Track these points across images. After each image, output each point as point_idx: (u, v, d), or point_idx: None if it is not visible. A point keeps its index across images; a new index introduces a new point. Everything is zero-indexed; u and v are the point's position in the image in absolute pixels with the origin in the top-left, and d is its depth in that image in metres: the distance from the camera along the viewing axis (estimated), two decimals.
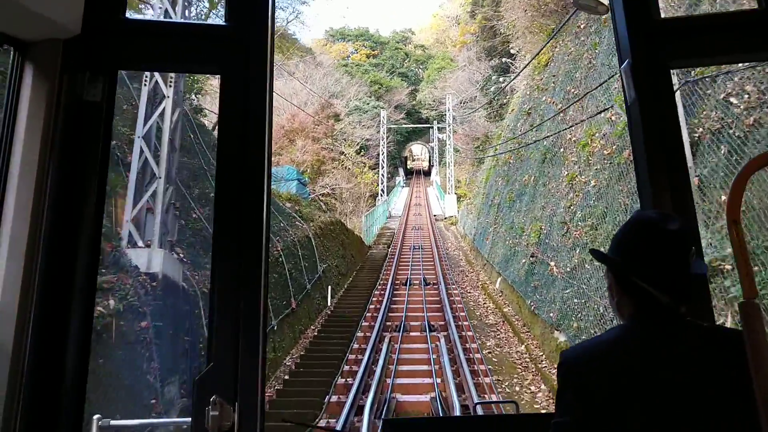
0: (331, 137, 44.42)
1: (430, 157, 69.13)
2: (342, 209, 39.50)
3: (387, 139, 58.58)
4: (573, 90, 15.67)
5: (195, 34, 2.20)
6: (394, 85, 68.59)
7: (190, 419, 1.77)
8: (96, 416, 2.14)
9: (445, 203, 42.51)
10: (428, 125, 58.93)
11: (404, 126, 60.27)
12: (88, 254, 1.90)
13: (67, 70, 1.94)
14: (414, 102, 65.60)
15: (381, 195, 47.03)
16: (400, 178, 64.95)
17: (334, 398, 10.28)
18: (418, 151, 78.94)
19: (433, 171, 64.56)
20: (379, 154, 48.93)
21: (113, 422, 2.18)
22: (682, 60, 2.32)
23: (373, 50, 78.44)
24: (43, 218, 1.83)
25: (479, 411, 7.17)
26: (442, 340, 13.49)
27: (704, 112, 7.28)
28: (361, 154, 49.36)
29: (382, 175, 47.66)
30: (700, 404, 1.40)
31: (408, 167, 72.77)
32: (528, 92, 23.03)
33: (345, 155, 44.53)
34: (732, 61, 4.92)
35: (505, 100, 46.79)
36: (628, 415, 1.42)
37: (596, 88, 12.98)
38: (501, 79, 36.12)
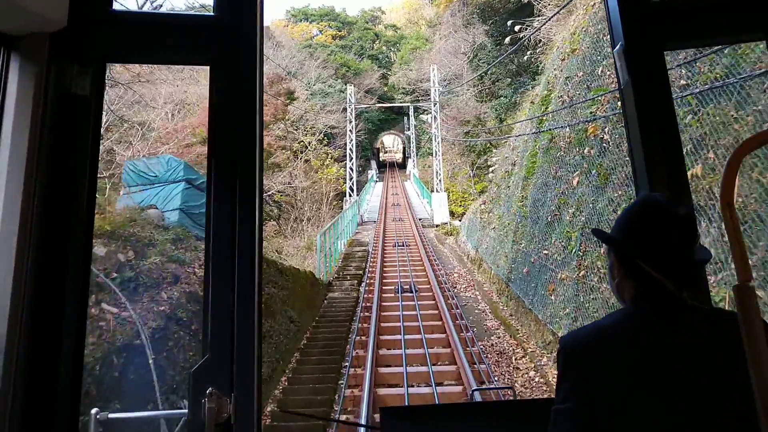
0: (283, 121, 33.24)
1: (404, 148, 63.59)
2: (297, 216, 28.56)
3: (357, 128, 49.82)
4: None
5: (184, 25, 2.10)
6: (364, 67, 61.65)
7: (186, 411, 1.72)
8: (94, 410, 2.13)
9: (433, 203, 31.86)
10: (404, 105, 49.97)
11: (379, 105, 50.61)
12: (81, 249, 1.84)
13: (55, 64, 1.87)
14: (386, 87, 60.16)
15: (350, 195, 36.15)
16: (373, 171, 55.87)
17: None
18: (390, 142, 73.52)
19: (409, 163, 57.24)
20: (347, 143, 37.97)
21: (111, 415, 2.16)
22: (676, 42, 2.22)
23: (340, 31, 71.14)
24: (33, 213, 1.76)
25: (477, 397, 6.90)
26: None
27: None
28: (325, 143, 38.48)
29: (351, 168, 36.66)
30: (704, 389, 1.34)
31: (381, 159, 66.28)
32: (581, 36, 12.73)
33: (303, 144, 33.49)
34: (726, 43, 4.85)
35: (504, 72, 36.70)
36: (630, 401, 1.35)
37: None
38: (517, 29, 25.42)
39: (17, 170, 1.73)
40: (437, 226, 29.03)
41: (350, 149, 36.50)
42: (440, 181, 34.08)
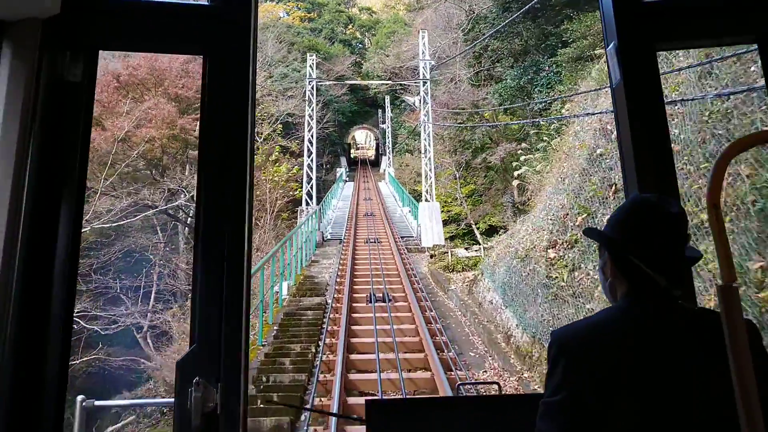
0: None
1: (377, 144, 58.49)
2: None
3: (324, 119, 41.22)
4: None
5: (178, 13, 2.04)
6: (335, 52, 54.94)
7: (173, 400, 1.69)
8: (80, 397, 2.06)
9: (421, 216, 22.50)
10: (381, 84, 42.73)
11: (350, 82, 41.69)
12: (70, 238, 1.80)
13: (47, 50, 1.83)
14: (359, 75, 53.76)
15: (307, 203, 25.82)
16: (343, 169, 47.74)
17: None
18: (362, 138, 67.39)
19: (384, 161, 51.90)
20: (305, 134, 27.59)
21: (97, 402, 2.10)
22: (668, 42, 2.19)
23: (309, 13, 63.90)
24: (23, 200, 1.73)
25: (462, 392, 6.60)
26: None
27: None
28: (279, 133, 29.16)
29: (309, 166, 26.24)
30: (693, 388, 1.35)
31: (351, 156, 60.08)
32: None
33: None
34: (719, 44, 4.44)
35: (516, 47, 28.06)
36: (618, 396, 1.35)
37: None
38: None
39: (8, 156, 1.72)
40: (430, 250, 19.55)
41: (309, 140, 26.24)
42: (431, 185, 24.83)
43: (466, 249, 17.38)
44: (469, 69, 31.61)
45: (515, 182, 16.72)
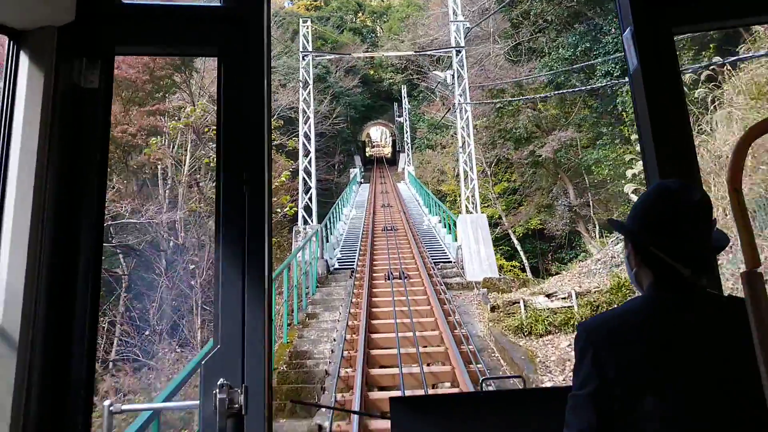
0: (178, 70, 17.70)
1: (394, 140, 53.82)
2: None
3: (334, 114, 35.61)
4: None
5: (192, 15, 2.09)
6: (344, 41, 50.59)
7: (198, 403, 1.70)
8: (107, 402, 2.07)
9: (461, 234, 15.85)
10: (403, 54, 35.27)
11: (358, 55, 34.66)
12: (92, 242, 1.81)
13: (63, 58, 1.84)
14: (371, 66, 50.85)
15: (305, 223, 19.17)
16: (357, 170, 41.92)
17: None
18: (377, 135, 62.94)
19: (402, 158, 46.52)
20: (300, 127, 20.14)
21: (124, 407, 2.08)
22: (686, 25, 2.13)
23: (315, 0, 59.88)
24: (44, 206, 1.75)
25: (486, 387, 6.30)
26: None
27: None
28: (278, 129, 23.23)
29: (307, 170, 19.16)
30: (721, 376, 1.32)
31: (366, 155, 55.28)
32: None
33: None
34: (739, 25, 4.22)
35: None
36: (647, 387, 1.32)
37: None
38: None
39: (29, 163, 1.74)
40: (477, 287, 12.97)
41: (305, 135, 19.07)
42: (473, 189, 18.13)
43: (545, 292, 11.05)
44: (505, 42, 25.46)
45: (629, 187, 10.53)
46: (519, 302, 9.96)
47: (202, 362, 1.71)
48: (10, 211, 1.68)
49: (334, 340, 9.88)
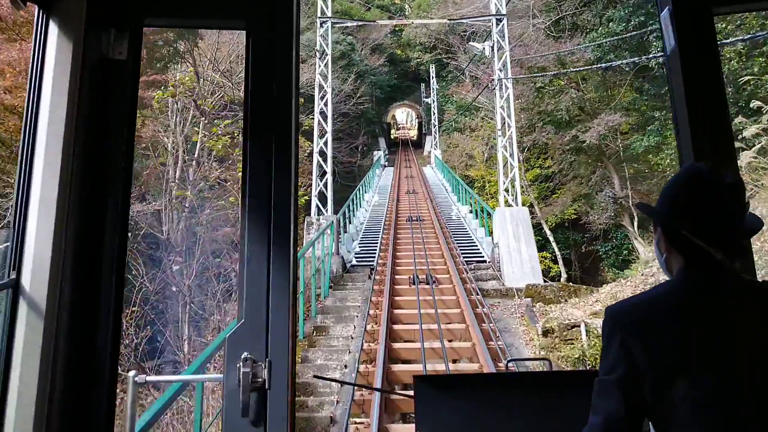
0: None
1: (420, 123, 51.80)
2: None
3: (358, 93, 33.79)
4: None
5: None
6: (371, 18, 46.59)
7: (222, 376, 1.71)
8: (131, 372, 1.98)
9: (499, 231, 13.42)
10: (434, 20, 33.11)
11: (384, 22, 32.26)
12: (119, 212, 1.81)
13: (92, 28, 1.83)
14: (399, 45, 48.51)
15: (319, 214, 16.26)
16: (381, 152, 39.87)
17: None
18: (402, 117, 61.74)
19: (428, 141, 44.79)
20: (315, 105, 17.25)
21: (149, 378, 2.02)
22: (725, 5, 2.07)
23: None
24: (72, 175, 1.73)
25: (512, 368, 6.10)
26: None
27: None
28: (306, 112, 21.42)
29: (322, 152, 16.68)
30: (752, 361, 1.26)
31: (391, 137, 53.31)
32: None
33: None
34: None
35: None
36: (676, 373, 1.27)
37: None
38: None
39: (57, 132, 1.72)
40: (519, 294, 11.03)
41: (321, 112, 16.55)
42: (513, 179, 15.69)
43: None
44: (546, 16, 22.97)
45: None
46: (579, 325, 7.90)
47: (227, 336, 1.70)
48: (38, 179, 1.68)
49: (345, 366, 7.98)
